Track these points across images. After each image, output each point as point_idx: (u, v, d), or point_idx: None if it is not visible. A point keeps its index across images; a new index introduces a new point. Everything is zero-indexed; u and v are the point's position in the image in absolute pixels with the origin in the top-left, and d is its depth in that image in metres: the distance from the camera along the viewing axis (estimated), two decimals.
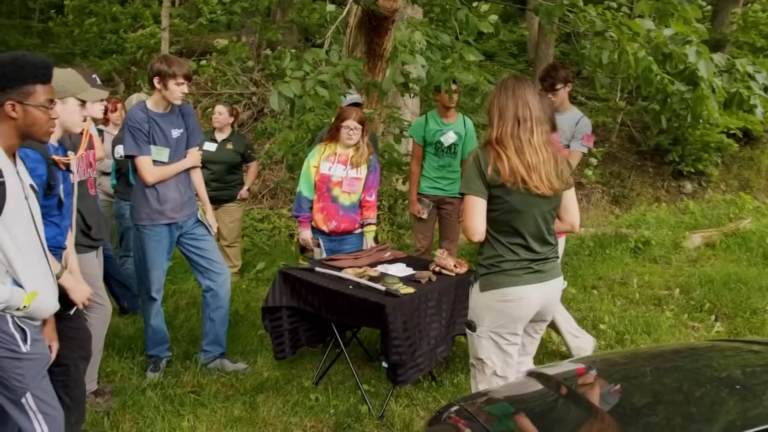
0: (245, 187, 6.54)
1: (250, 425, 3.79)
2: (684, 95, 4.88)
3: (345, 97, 5.07)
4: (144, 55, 12.39)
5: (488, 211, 2.90)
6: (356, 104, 5.41)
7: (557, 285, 3.08)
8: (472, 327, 3.03)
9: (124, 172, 5.54)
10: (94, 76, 3.95)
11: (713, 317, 5.70)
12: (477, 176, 2.85)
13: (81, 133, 3.45)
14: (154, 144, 4.18)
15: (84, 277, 3.32)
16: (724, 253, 7.61)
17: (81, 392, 3.32)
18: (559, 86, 4.85)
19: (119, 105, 6.22)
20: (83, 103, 3.23)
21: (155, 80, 4.13)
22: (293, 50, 9.01)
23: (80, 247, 3.49)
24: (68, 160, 3.14)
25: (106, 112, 5.77)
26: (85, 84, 3.22)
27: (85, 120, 3.34)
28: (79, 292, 3.10)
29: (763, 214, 9.31)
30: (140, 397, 4.01)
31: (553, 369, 2.43)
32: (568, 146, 5.04)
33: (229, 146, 6.26)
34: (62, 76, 3.12)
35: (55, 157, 2.99)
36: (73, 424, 3.14)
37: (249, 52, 11.31)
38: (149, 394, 4.04)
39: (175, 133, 4.27)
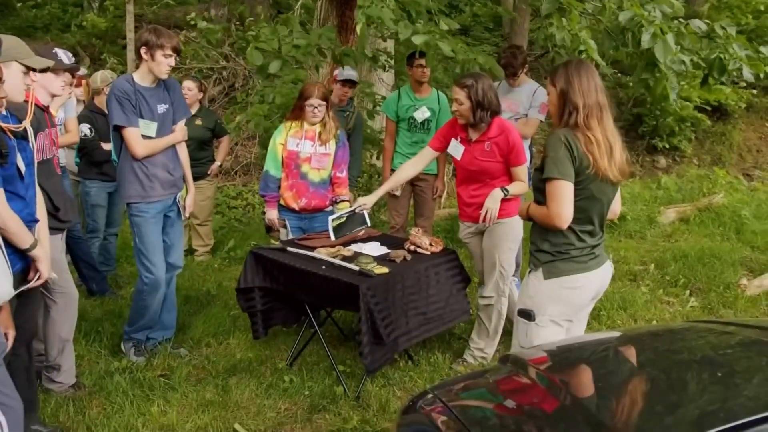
0: (216, 163, 6.40)
1: (223, 409, 3.70)
2: (642, 76, 4.84)
3: (319, 68, 4.95)
4: (108, 29, 12.04)
5: None
6: (350, 81, 5.33)
7: (609, 267, 3.04)
8: (530, 317, 2.90)
9: (87, 151, 5.36)
10: (55, 50, 3.77)
11: (688, 292, 5.72)
12: (569, 160, 2.73)
13: (27, 102, 3.27)
14: (141, 118, 4.02)
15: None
16: (697, 228, 7.65)
17: (23, 382, 3.18)
18: (519, 72, 5.19)
19: (83, 81, 6.00)
20: (28, 70, 3.05)
21: (142, 50, 3.96)
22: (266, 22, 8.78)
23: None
24: (18, 127, 2.98)
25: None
26: (29, 51, 3.04)
27: (28, 88, 3.17)
28: (48, 264, 2.98)
29: (736, 189, 9.38)
30: (108, 382, 3.90)
31: (530, 354, 2.35)
32: (526, 115, 5.13)
33: (199, 122, 6.10)
34: (5, 40, 2.94)
35: (2, 124, 2.83)
36: None
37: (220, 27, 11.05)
38: (117, 379, 3.92)
39: (161, 108, 4.11)
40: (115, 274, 5.84)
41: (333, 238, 4.24)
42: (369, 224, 4.50)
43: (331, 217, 4.29)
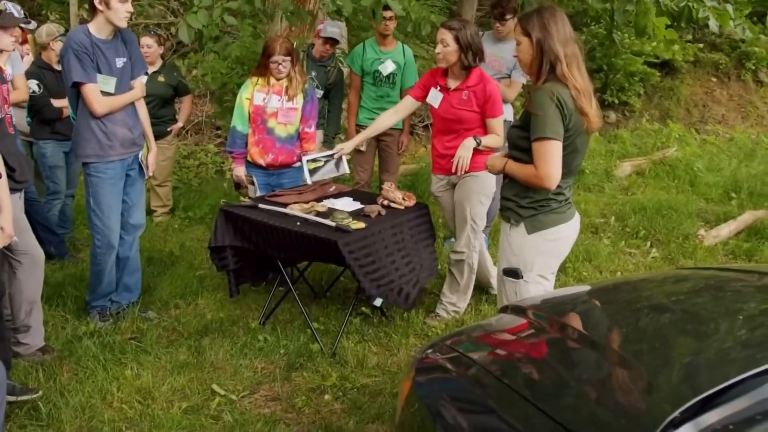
0: (178, 123, 6.17)
1: (198, 370, 3.62)
2: (625, 8, 4.86)
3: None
4: None
5: None
6: (332, 39, 5.21)
7: (578, 217, 3.01)
8: (517, 275, 2.83)
9: (37, 109, 5.10)
10: (3, 2, 3.53)
11: (649, 243, 5.85)
12: (560, 119, 2.64)
13: None
14: (99, 73, 3.80)
15: None
16: (653, 181, 7.82)
17: None
18: (508, 16, 4.94)
19: (28, 36, 5.68)
20: None
21: (96, 1, 3.70)
22: None
23: None
24: None
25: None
26: None
27: None
28: (5, 235, 2.85)
29: (688, 142, 9.58)
30: (77, 347, 3.77)
31: (528, 303, 2.34)
32: (509, 75, 5.00)
33: (161, 79, 5.85)
34: None
35: None
36: None
37: None
38: (86, 343, 3.79)
39: (120, 62, 3.90)
40: (72, 236, 5.63)
41: (309, 180, 4.16)
42: (348, 171, 4.47)
43: (306, 158, 4.20)
